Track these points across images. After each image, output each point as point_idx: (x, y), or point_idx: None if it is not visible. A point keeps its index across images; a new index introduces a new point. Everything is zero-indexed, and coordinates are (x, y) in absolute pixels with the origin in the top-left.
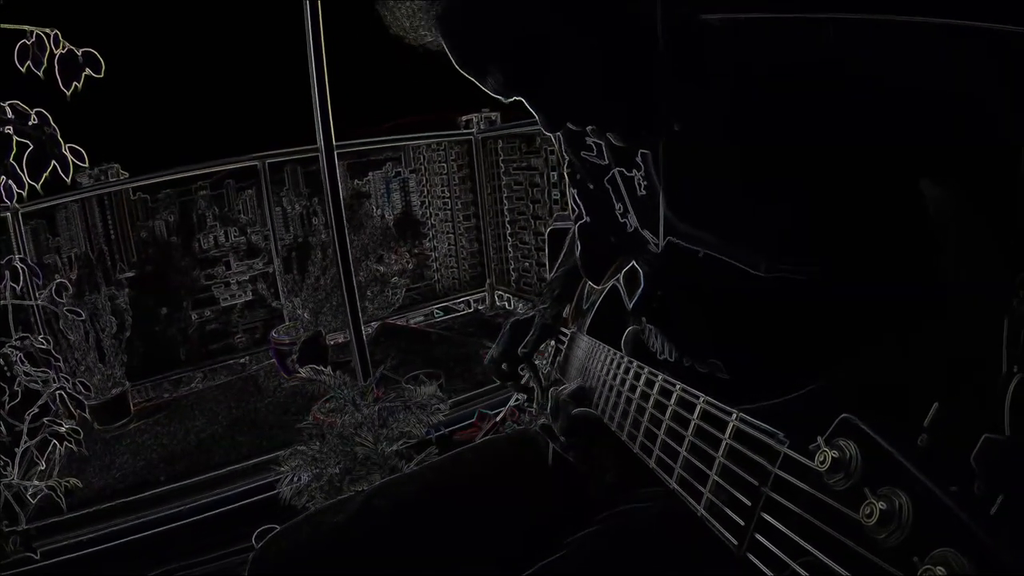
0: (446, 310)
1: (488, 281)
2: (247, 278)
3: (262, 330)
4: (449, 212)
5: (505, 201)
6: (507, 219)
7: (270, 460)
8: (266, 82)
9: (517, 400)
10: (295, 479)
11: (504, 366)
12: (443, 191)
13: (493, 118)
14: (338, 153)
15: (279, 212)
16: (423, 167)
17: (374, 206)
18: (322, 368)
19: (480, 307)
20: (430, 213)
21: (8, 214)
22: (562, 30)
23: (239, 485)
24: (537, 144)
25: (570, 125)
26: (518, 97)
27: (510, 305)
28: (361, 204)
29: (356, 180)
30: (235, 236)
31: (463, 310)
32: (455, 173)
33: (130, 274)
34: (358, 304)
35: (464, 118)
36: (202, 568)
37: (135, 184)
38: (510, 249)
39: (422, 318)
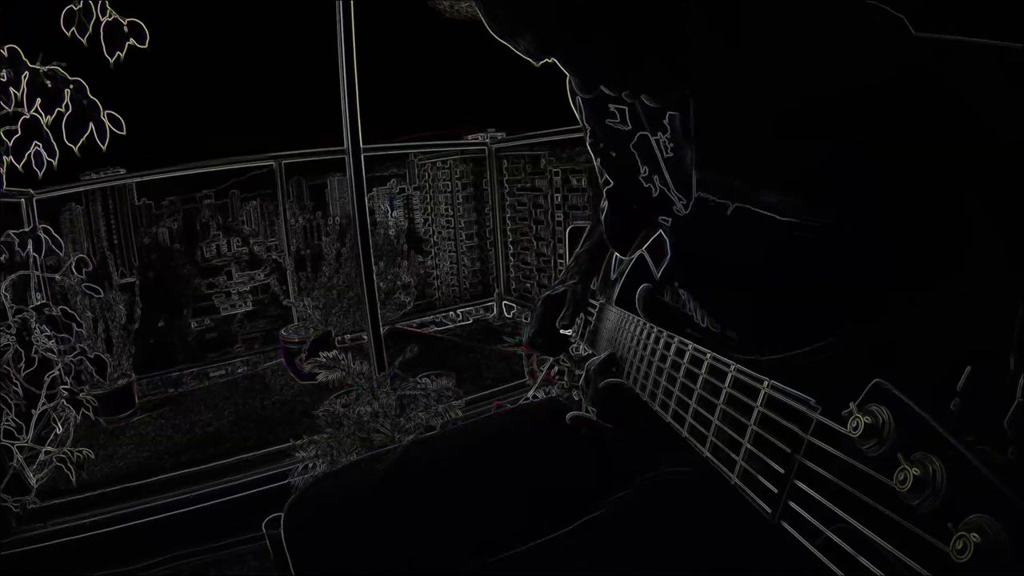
0: (439, 323)
1: (496, 291)
2: (248, 288)
3: (261, 342)
4: (452, 231)
5: (508, 221)
6: (510, 239)
7: (277, 451)
8: (278, 89)
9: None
10: (309, 466)
11: (542, 340)
12: (446, 209)
13: (499, 137)
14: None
15: (280, 225)
16: (427, 184)
17: (377, 218)
18: (342, 356)
19: (488, 316)
20: (432, 231)
21: (23, 200)
22: None
23: (248, 475)
24: (542, 165)
25: (604, 89)
26: (552, 60)
27: (526, 320)
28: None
29: None
30: (238, 246)
31: (460, 321)
32: (459, 192)
33: (131, 279)
34: (377, 304)
35: (470, 136)
36: (208, 556)
37: (150, 177)
38: (511, 269)
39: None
